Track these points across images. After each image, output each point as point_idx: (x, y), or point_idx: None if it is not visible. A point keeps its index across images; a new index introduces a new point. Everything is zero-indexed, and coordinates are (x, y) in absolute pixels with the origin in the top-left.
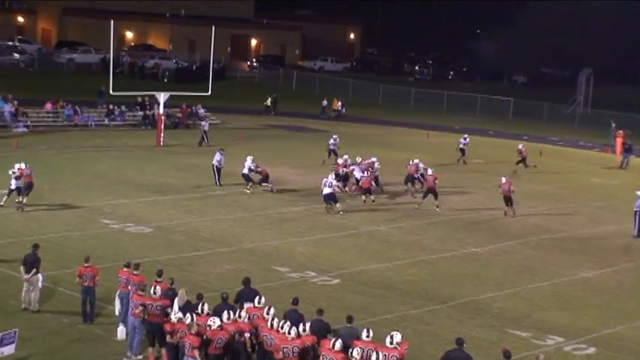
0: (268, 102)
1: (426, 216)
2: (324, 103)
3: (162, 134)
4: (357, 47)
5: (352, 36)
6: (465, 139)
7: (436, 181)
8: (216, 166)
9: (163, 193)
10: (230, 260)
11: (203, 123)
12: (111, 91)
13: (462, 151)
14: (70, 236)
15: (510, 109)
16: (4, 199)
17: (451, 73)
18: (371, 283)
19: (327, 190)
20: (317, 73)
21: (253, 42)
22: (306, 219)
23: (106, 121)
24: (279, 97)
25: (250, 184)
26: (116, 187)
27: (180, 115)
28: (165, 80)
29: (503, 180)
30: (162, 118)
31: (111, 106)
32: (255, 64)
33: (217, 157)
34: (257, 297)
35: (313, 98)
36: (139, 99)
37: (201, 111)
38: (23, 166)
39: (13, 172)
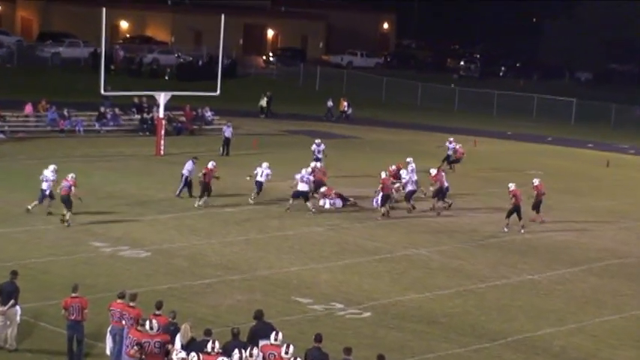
0: (263, 102)
1: (473, 237)
2: (330, 103)
3: (162, 141)
4: (391, 39)
5: (386, 26)
6: (450, 143)
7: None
8: (186, 176)
9: (163, 210)
10: (242, 290)
11: (225, 128)
12: (102, 92)
13: (448, 158)
14: (54, 261)
15: (573, 111)
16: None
17: (502, 69)
18: (408, 316)
19: (302, 187)
20: (344, 69)
21: (270, 33)
22: (332, 241)
23: (97, 126)
24: (299, 97)
25: (254, 194)
26: (108, 203)
27: (183, 119)
28: (167, 78)
29: (536, 182)
30: (163, 122)
31: (102, 109)
32: (271, 59)
33: (189, 166)
34: (273, 333)
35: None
36: (136, 100)
37: (209, 114)
38: (69, 177)
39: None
